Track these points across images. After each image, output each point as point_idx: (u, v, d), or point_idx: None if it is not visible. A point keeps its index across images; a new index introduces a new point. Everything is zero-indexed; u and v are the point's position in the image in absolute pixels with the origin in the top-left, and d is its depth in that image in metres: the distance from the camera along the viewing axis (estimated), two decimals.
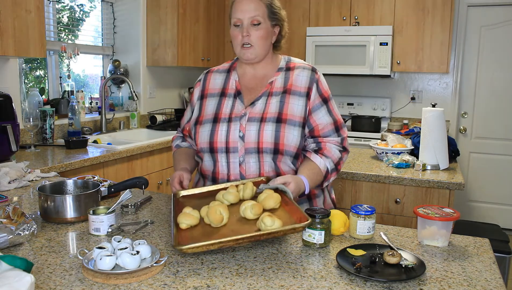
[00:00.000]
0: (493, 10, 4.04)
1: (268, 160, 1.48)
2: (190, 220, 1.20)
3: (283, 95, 1.51)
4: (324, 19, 4.15)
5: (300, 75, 1.54)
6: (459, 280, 1.02)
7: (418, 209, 1.26)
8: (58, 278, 0.99)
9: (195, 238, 1.13)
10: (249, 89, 1.57)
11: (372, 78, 4.37)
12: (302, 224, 1.08)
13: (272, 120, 1.48)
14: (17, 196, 1.63)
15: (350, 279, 1.01)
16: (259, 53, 1.51)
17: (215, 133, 1.51)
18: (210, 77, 1.64)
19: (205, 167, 1.57)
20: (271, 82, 1.54)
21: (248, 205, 1.21)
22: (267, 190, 1.31)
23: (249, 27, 1.48)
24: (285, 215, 1.19)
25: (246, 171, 1.49)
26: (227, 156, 1.50)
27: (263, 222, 1.10)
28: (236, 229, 1.16)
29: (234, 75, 1.60)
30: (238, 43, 1.51)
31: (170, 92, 4.27)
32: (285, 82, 1.54)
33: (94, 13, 3.73)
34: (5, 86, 2.60)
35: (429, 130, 2.26)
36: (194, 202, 1.39)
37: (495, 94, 4.13)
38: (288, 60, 1.61)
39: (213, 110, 1.56)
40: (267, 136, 1.46)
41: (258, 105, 1.51)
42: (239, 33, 1.50)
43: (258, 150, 1.47)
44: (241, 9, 1.48)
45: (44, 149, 2.67)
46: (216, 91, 1.60)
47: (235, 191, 1.36)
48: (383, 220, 2.27)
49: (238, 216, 1.23)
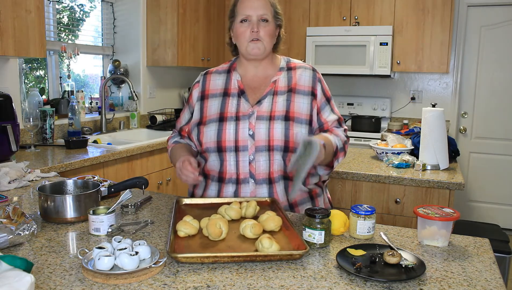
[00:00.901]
0: (493, 10, 4.04)
1: (278, 158, 1.49)
2: (189, 229, 1.20)
3: (288, 94, 1.54)
4: (324, 19, 4.15)
5: (303, 75, 1.58)
6: (459, 280, 1.02)
7: (418, 209, 1.26)
8: (58, 278, 0.99)
9: (191, 248, 1.13)
10: (252, 88, 1.57)
11: (372, 78, 4.37)
12: (300, 252, 1.07)
13: (280, 118, 1.50)
14: (17, 196, 1.63)
15: (350, 279, 1.01)
16: (266, 49, 1.53)
17: (222, 132, 1.50)
18: (209, 78, 1.63)
19: (211, 167, 1.55)
20: (274, 81, 1.56)
21: (248, 223, 1.21)
22: (269, 211, 1.30)
23: (258, 23, 1.50)
24: (284, 240, 1.18)
25: (256, 169, 1.49)
26: (236, 155, 1.49)
27: (261, 243, 1.09)
28: (233, 245, 1.15)
29: (235, 75, 1.60)
30: (246, 38, 1.52)
31: (170, 92, 4.27)
32: (289, 81, 1.57)
33: (94, 13, 3.73)
34: (5, 86, 2.60)
35: (429, 130, 2.26)
36: (195, 211, 1.39)
37: (495, 94, 4.13)
38: (288, 60, 1.64)
39: (218, 109, 1.55)
40: (278, 134, 1.48)
41: (264, 104, 1.53)
42: (247, 28, 1.51)
43: (269, 148, 1.48)
44: (251, 5, 1.50)
45: (44, 149, 2.67)
46: (218, 91, 1.59)
47: (238, 207, 1.36)
48: (383, 220, 2.27)
49: (237, 233, 1.23)
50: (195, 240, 1.18)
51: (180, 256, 1.03)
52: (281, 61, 1.62)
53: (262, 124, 1.49)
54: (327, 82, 1.66)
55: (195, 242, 1.17)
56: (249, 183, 1.50)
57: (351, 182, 2.33)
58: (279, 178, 1.50)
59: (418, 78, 4.29)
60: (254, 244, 1.14)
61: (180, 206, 1.44)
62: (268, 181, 1.50)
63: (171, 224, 1.23)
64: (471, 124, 4.25)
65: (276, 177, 1.50)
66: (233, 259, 1.05)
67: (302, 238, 1.15)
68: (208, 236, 1.19)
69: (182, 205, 1.46)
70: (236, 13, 1.54)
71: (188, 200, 1.48)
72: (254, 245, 1.14)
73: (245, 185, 1.50)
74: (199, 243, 1.17)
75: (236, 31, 1.54)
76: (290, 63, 1.62)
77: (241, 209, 1.37)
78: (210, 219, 1.23)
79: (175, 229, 1.20)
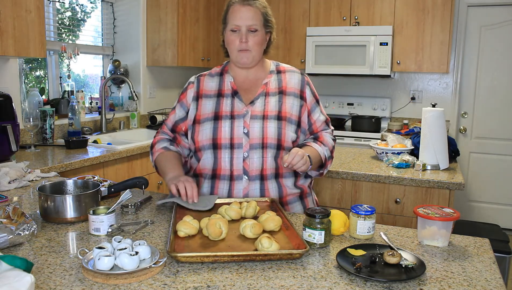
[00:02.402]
0: (493, 10, 4.04)
1: (270, 155, 1.54)
2: (189, 229, 1.20)
3: (280, 96, 1.60)
4: (324, 19, 4.15)
5: (292, 78, 1.64)
6: (459, 280, 1.02)
7: (418, 209, 1.26)
8: (58, 278, 0.99)
9: (191, 248, 1.13)
10: (244, 90, 1.62)
11: (372, 78, 4.37)
12: (300, 251, 1.07)
13: (273, 117, 1.56)
14: (17, 196, 1.63)
15: (350, 279, 1.01)
16: (255, 58, 1.58)
17: (218, 130, 1.55)
18: (203, 80, 1.67)
19: (204, 165, 1.58)
20: (266, 83, 1.62)
21: (248, 223, 1.21)
22: (269, 211, 1.32)
23: (247, 33, 1.54)
24: (283, 239, 1.19)
25: (249, 166, 1.53)
26: (231, 152, 1.54)
27: (260, 242, 1.10)
28: (233, 245, 1.16)
29: (228, 77, 1.64)
30: (235, 48, 1.56)
31: (170, 92, 4.27)
32: (279, 83, 1.63)
33: (94, 13, 3.73)
34: (5, 86, 2.60)
35: (429, 130, 2.26)
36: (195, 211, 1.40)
37: (495, 94, 4.13)
38: (277, 64, 1.70)
39: (212, 108, 1.59)
40: (271, 132, 1.54)
41: (257, 104, 1.58)
42: (236, 38, 1.55)
43: (262, 146, 1.54)
44: (240, 16, 1.54)
45: (44, 149, 2.67)
46: (212, 92, 1.63)
47: (237, 207, 1.37)
48: (383, 220, 2.27)
49: (237, 233, 1.24)
50: (195, 240, 1.19)
51: (180, 255, 1.03)
52: (271, 65, 1.68)
53: (257, 123, 1.55)
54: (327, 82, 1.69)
55: (195, 242, 1.17)
56: (243, 180, 1.53)
57: (351, 182, 2.33)
58: (271, 175, 1.55)
59: (418, 78, 4.29)
60: (254, 244, 1.14)
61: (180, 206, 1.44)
62: (260, 177, 1.54)
63: (171, 224, 1.23)
64: (471, 124, 4.25)
65: (268, 175, 1.54)
66: (233, 258, 1.06)
67: (302, 238, 1.15)
68: (208, 236, 1.19)
69: None
70: (227, 21, 1.58)
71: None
72: (254, 245, 1.14)
73: (239, 181, 1.53)
74: (199, 243, 1.17)
75: (227, 39, 1.59)
76: (280, 67, 1.68)
77: (241, 209, 1.37)
78: (210, 219, 1.23)
79: (175, 229, 1.21)
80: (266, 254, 1.06)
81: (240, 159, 1.53)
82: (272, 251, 1.07)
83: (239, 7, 1.54)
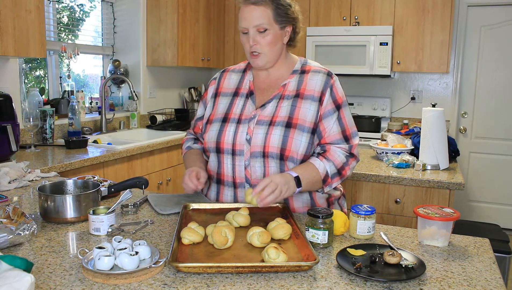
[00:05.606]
0: (493, 10, 4.04)
1: (273, 165, 1.44)
2: (194, 236, 1.15)
3: (295, 99, 1.47)
4: (324, 19, 4.15)
5: (314, 79, 1.49)
6: (459, 280, 1.02)
7: (418, 209, 1.26)
8: (58, 278, 0.99)
9: (195, 256, 1.08)
10: (261, 90, 1.54)
11: (372, 78, 4.37)
12: (309, 263, 1.01)
13: (281, 124, 1.44)
14: (17, 196, 1.63)
15: (350, 279, 1.01)
16: (269, 59, 1.48)
17: (222, 133, 1.50)
18: (225, 76, 1.63)
19: (211, 167, 1.56)
20: (284, 85, 1.51)
21: (256, 231, 1.15)
22: (279, 219, 1.25)
23: (256, 35, 1.44)
24: (293, 249, 1.12)
25: (252, 175, 1.47)
26: (233, 158, 1.48)
27: (267, 253, 1.04)
28: (239, 254, 1.10)
29: (249, 75, 1.59)
30: (247, 50, 1.49)
31: (170, 92, 4.27)
32: (299, 85, 1.49)
33: (94, 13, 3.73)
34: (5, 86, 2.60)
35: (429, 130, 2.26)
36: (202, 217, 1.36)
37: (495, 94, 4.13)
38: (304, 62, 1.56)
39: (224, 109, 1.55)
40: (274, 141, 1.42)
41: (268, 108, 1.48)
42: (247, 40, 1.47)
43: (264, 154, 1.44)
44: (245, 17, 1.44)
45: (44, 149, 2.67)
46: (230, 90, 1.59)
47: (246, 213, 1.31)
48: (383, 220, 2.27)
49: (244, 241, 1.17)
50: (200, 248, 1.13)
51: (181, 265, 0.99)
52: (297, 63, 1.55)
53: (261, 129, 1.45)
54: None
55: (199, 250, 1.11)
56: (245, 188, 1.48)
57: (351, 182, 2.33)
58: None
59: (418, 78, 4.29)
60: (261, 254, 1.08)
61: (187, 211, 1.40)
62: None
63: (175, 231, 1.18)
64: (471, 124, 4.25)
65: None
66: (237, 269, 1.00)
67: (312, 248, 1.09)
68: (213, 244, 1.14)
69: (189, 210, 1.42)
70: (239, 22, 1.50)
71: (196, 205, 1.43)
72: (261, 254, 1.08)
73: (242, 189, 1.49)
74: (204, 251, 1.11)
75: (241, 39, 1.52)
76: (305, 66, 1.53)
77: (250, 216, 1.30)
78: (216, 226, 1.18)
79: (179, 236, 1.15)
80: (272, 266, 1.00)
81: (242, 167, 1.47)
82: (279, 263, 1.01)
83: (243, 7, 1.44)
